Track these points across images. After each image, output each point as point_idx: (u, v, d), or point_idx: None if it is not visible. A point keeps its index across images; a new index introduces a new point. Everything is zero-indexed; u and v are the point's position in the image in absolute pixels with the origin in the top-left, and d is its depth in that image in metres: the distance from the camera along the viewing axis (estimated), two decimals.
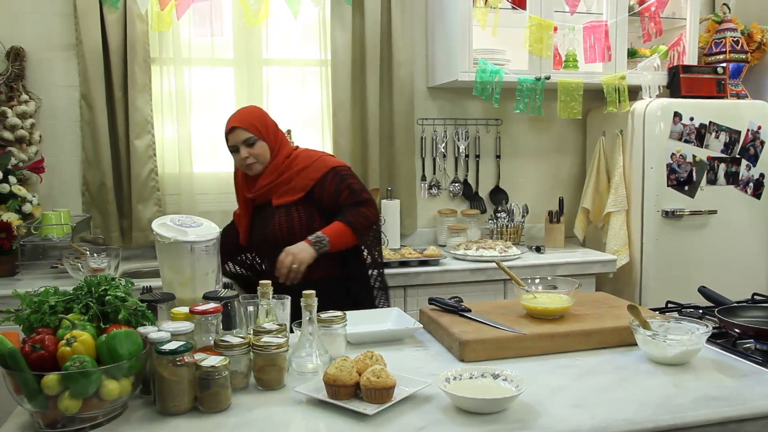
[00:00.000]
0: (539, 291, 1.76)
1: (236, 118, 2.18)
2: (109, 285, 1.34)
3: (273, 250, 2.10)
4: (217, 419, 1.23)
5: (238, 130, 2.13)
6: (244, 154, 2.13)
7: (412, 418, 1.22)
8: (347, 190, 2.14)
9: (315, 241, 2.04)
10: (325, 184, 2.14)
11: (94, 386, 1.15)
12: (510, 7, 2.97)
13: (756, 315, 1.73)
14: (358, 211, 2.12)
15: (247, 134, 2.13)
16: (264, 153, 2.15)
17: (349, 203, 2.13)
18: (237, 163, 2.21)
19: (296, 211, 2.14)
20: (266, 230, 2.17)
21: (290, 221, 2.12)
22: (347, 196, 2.14)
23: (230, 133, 2.15)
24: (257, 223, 2.23)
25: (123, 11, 2.75)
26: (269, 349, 1.35)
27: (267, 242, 2.16)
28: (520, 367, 1.46)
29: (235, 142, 2.14)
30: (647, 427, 1.20)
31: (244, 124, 2.14)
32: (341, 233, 2.08)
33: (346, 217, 2.11)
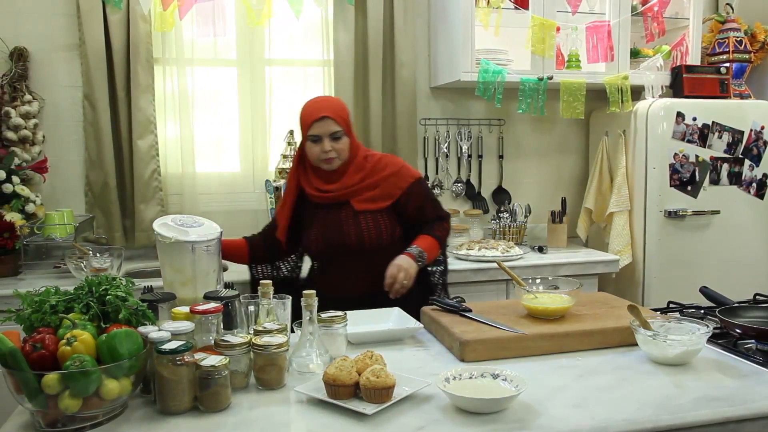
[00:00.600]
0: (540, 291, 1.76)
1: (326, 107, 2.03)
2: (110, 285, 1.35)
3: (352, 255, 2.04)
4: (217, 419, 1.24)
5: (328, 121, 1.99)
6: (327, 147, 2.00)
7: (411, 418, 1.22)
8: (431, 204, 2.18)
9: (418, 256, 2.01)
10: (412, 195, 2.10)
11: (94, 385, 1.15)
12: (512, 7, 2.97)
13: (757, 315, 1.72)
14: (443, 225, 2.18)
15: (336, 127, 2.00)
16: (346, 149, 2.04)
17: (432, 217, 2.16)
18: (313, 154, 2.04)
19: (382, 219, 2.07)
20: (347, 235, 2.04)
21: (378, 228, 2.05)
22: (431, 210, 2.17)
23: (318, 121, 1.99)
24: (330, 227, 2.07)
25: (126, 11, 2.76)
26: (269, 349, 1.35)
27: (346, 249, 2.04)
28: (521, 367, 1.46)
29: (320, 133, 2.00)
30: (647, 427, 1.20)
31: (335, 115, 2.00)
32: (433, 247, 2.10)
33: (434, 231, 2.13)
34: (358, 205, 2.06)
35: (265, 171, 3.06)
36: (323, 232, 2.08)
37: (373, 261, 2.02)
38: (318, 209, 2.10)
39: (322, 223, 2.09)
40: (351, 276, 2.07)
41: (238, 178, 3.09)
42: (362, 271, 2.05)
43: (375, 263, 2.01)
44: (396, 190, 2.08)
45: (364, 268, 2.04)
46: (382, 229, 2.05)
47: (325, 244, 2.07)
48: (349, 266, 2.06)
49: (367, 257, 2.04)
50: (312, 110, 2.03)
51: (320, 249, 2.10)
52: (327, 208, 2.09)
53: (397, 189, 2.08)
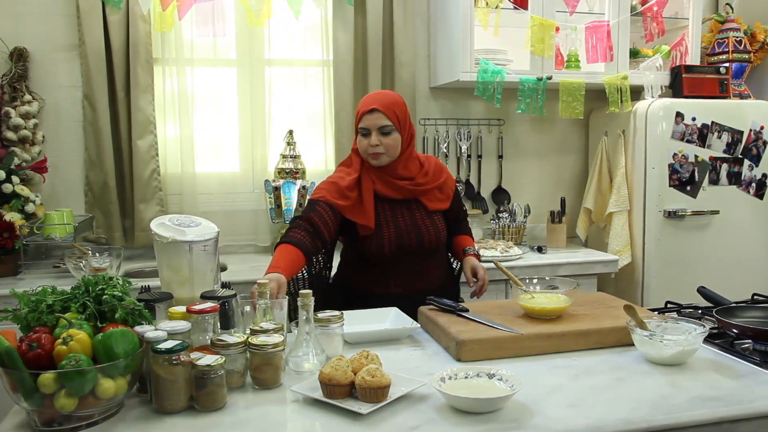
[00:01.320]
0: (537, 291, 1.76)
1: (378, 99, 1.99)
2: (107, 284, 1.35)
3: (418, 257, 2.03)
4: (213, 418, 1.24)
5: (377, 114, 1.95)
6: (375, 141, 1.96)
7: (406, 418, 1.22)
8: (461, 205, 2.29)
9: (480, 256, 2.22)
10: (455, 196, 2.20)
11: (90, 385, 1.16)
12: (512, 7, 2.97)
13: (755, 315, 1.72)
14: (468, 226, 2.32)
15: (385, 121, 1.95)
16: (396, 146, 1.99)
17: (462, 218, 2.28)
18: (362, 147, 2.01)
19: (441, 219, 2.12)
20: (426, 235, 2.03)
21: (438, 231, 2.09)
22: (463, 212, 2.30)
23: (367, 113, 1.96)
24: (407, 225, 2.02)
25: (125, 12, 2.77)
26: (265, 349, 1.35)
27: (422, 248, 2.03)
28: (517, 367, 1.46)
29: (368, 125, 1.97)
30: (642, 427, 1.20)
31: (385, 109, 1.96)
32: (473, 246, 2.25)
33: (469, 231, 2.30)
34: (432, 205, 2.09)
35: (264, 171, 3.07)
36: (402, 230, 2.01)
37: (433, 259, 2.10)
38: (386, 207, 2.03)
39: (392, 222, 2.02)
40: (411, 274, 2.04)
41: (238, 178, 3.10)
42: (425, 269, 2.07)
43: (434, 261, 2.11)
44: (450, 191, 2.17)
45: (427, 266, 2.08)
46: (442, 230, 2.11)
47: (399, 247, 2.00)
48: (410, 265, 2.04)
49: (430, 255, 2.09)
50: (365, 102, 2.01)
51: (393, 250, 1.99)
52: (392, 206, 2.04)
53: (450, 190, 2.17)
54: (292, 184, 2.91)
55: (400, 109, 2.01)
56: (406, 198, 2.05)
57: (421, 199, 2.07)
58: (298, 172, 2.95)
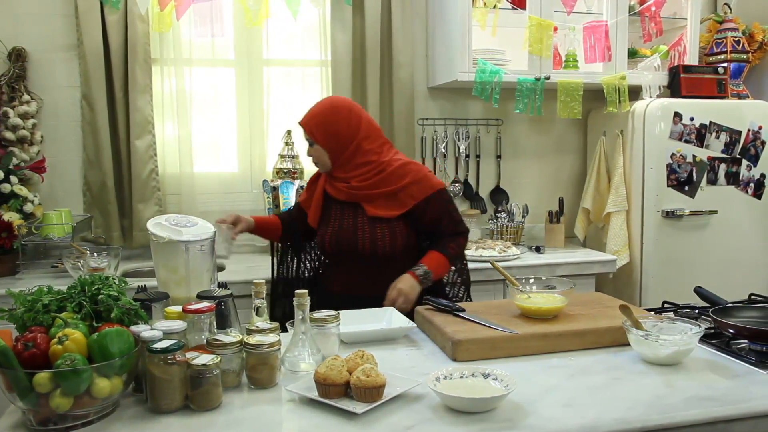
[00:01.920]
0: (533, 291, 1.76)
1: (306, 114, 2.11)
2: (103, 284, 1.35)
3: (361, 261, 2.05)
4: (208, 417, 1.24)
5: (304, 129, 2.11)
6: (310, 152, 2.12)
7: (401, 417, 1.22)
8: (448, 218, 2.11)
9: (422, 277, 1.99)
10: (429, 206, 2.06)
11: (85, 384, 1.16)
12: (510, 7, 2.97)
13: (751, 315, 1.72)
14: (458, 242, 2.12)
15: (307, 135, 2.10)
16: (321, 157, 2.09)
17: (448, 231, 2.11)
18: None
19: (398, 227, 2.05)
20: (361, 240, 2.03)
21: (393, 238, 2.04)
22: (447, 224, 2.11)
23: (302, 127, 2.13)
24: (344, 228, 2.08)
25: (124, 12, 2.77)
26: (261, 348, 1.35)
27: (358, 252, 2.04)
28: (513, 366, 1.46)
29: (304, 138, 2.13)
30: (636, 427, 1.20)
31: (305, 125, 2.10)
32: (442, 266, 2.07)
33: (447, 248, 2.08)
34: (372, 211, 2.05)
35: (262, 171, 3.07)
36: (337, 232, 2.08)
37: (386, 267, 2.04)
38: (334, 205, 2.12)
39: (337, 222, 2.10)
40: (363, 279, 2.06)
41: (236, 178, 3.10)
42: (374, 275, 2.03)
43: (388, 269, 2.02)
44: (411, 200, 2.05)
45: (377, 273, 2.04)
46: (397, 238, 2.05)
47: (338, 246, 2.07)
48: (361, 269, 2.06)
49: (380, 263, 2.04)
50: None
51: (333, 250, 2.10)
52: (341, 207, 2.11)
53: (412, 199, 2.05)
54: (290, 184, 2.91)
55: (318, 121, 2.06)
56: (350, 200, 2.08)
57: (363, 204, 2.07)
58: (296, 172, 2.96)
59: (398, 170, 2.06)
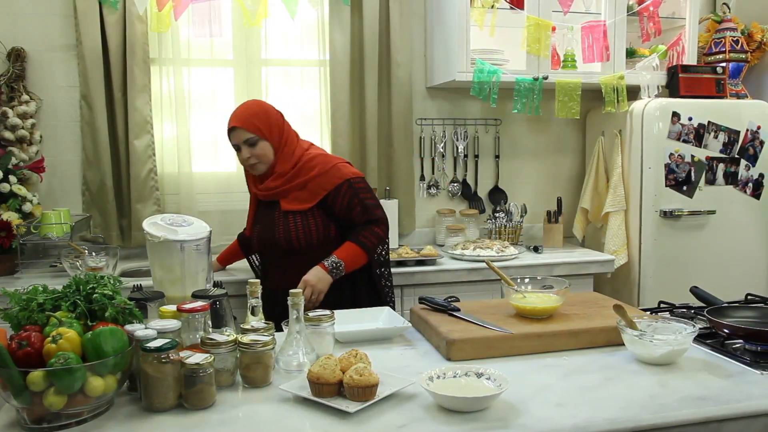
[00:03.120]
0: (529, 291, 1.76)
1: (236, 116, 2.11)
2: (97, 283, 1.36)
3: (284, 255, 2.12)
4: (202, 416, 1.24)
5: (239, 130, 2.09)
6: (246, 155, 2.10)
7: (393, 416, 1.23)
8: (360, 207, 2.12)
9: (331, 268, 2.04)
10: (338, 196, 2.11)
11: (79, 383, 1.16)
12: (508, 7, 2.97)
13: (747, 315, 1.72)
14: (371, 230, 2.13)
15: (247, 134, 2.08)
16: (267, 153, 2.11)
17: (361, 221, 2.13)
18: (240, 161, 2.19)
19: (312, 219, 2.11)
20: (277, 235, 2.12)
21: (307, 229, 2.10)
22: (359, 213, 2.13)
23: (231, 132, 2.12)
24: (264, 225, 2.19)
25: (122, 12, 2.78)
26: (255, 347, 1.36)
27: (278, 247, 2.13)
28: (507, 366, 1.46)
29: (236, 142, 2.11)
30: (628, 427, 1.20)
31: (244, 124, 2.08)
32: (355, 255, 2.10)
33: (359, 237, 2.11)
34: (285, 205, 2.12)
35: None
36: (260, 229, 2.20)
37: (306, 259, 2.08)
38: (261, 206, 2.23)
39: (261, 221, 2.21)
40: (288, 273, 2.09)
41: (234, 177, 3.09)
42: (298, 268, 2.08)
43: (309, 261, 2.08)
44: (321, 190, 2.10)
45: (300, 266, 2.08)
46: (312, 230, 2.10)
47: (261, 242, 2.20)
48: (285, 263, 2.13)
49: (300, 255, 2.10)
50: (228, 122, 2.13)
51: (259, 246, 2.24)
52: (265, 207, 2.20)
53: (322, 189, 2.10)
54: None
55: (260, 118, 2.10)
56: (269, 199, 2.17)
57: (279, 200, 2.14)
58: None
59: (308, 163, 2.12)
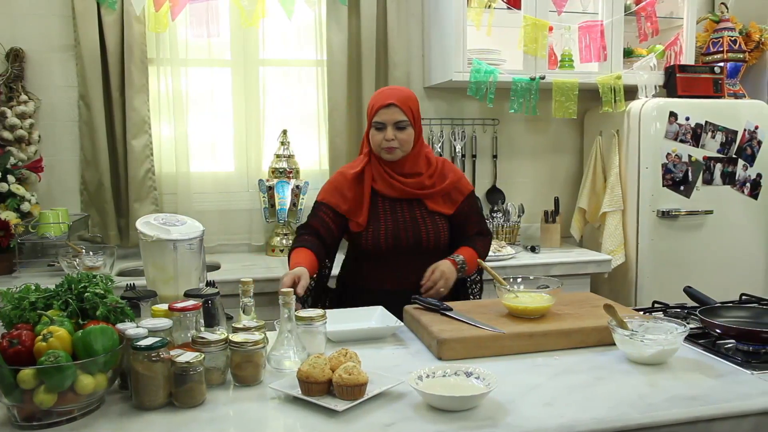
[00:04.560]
0: (521, 290, 1.76)
1: (394, 94, 2.05)
2: (89, 282, 1.36)
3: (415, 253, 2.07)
4: (192, 414, 1.25)
5: (394, 108, 2.01)
6: (390, 135, 2.02)
7: (382, 415, 1.23)
8: (477, 217, 2.21)
9: (461, 265, 2.05)
10: (466, 204, 2.16)
11: (69, 381, 1.17)
12: (505, 7, 2.97)
13: (739, 315, 1.72)
14: (486, 243, 2.21)
15: (402, 116, 2.02)
16: (410, 141, 2.06)
17: (475, 231, 2.18)
18: (375, 141, 2.05)
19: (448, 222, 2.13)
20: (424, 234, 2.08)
21: (439, 233, 2.10)
22: (475, 223, 2.19)
23: (384, 107, 2.02)
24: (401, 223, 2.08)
25: (120, 13, 2.79)
26: (246, 346, 1.37)
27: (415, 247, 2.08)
28: (498, 365, 1.47)
29: (384, 120, 2.02)
30: (616, 426, 1.20)
31: (401, 104, 2.02)
32: (474, 261, 2.10)
33: (477, 246, 2.15)
34: (433, 206, 2.11)
35: (258, 171, 3.08)
36: (395, 227, 2.07)
37: (429, 260, 2.05)
38: (385, 204, 2.11)
39: (393, 218, 2.09)
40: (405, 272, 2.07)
41: (232, 177, 3.11)
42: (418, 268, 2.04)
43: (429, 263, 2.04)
44: (460, 196, 2.15)
45: (421, 266, 2.04)
46: (447, 233, 2.12)
47: (395, 240, 2.06)
48: (405, 263, 2.07)
49: (426, 256, 2.07)
50: (380, 97, 2.05)
51: (389, 244, 2.06)
52: (395, 204, 2.11)
53: (461, 195, 2.15)
54: (285, 184, 2.93)
55: (415, 104, 2.07)
56: (407, 198, 2.10)
57: (423, 200, 2.11)
58: (291, 172, 2.97)
59: (444, 168, 2.15)
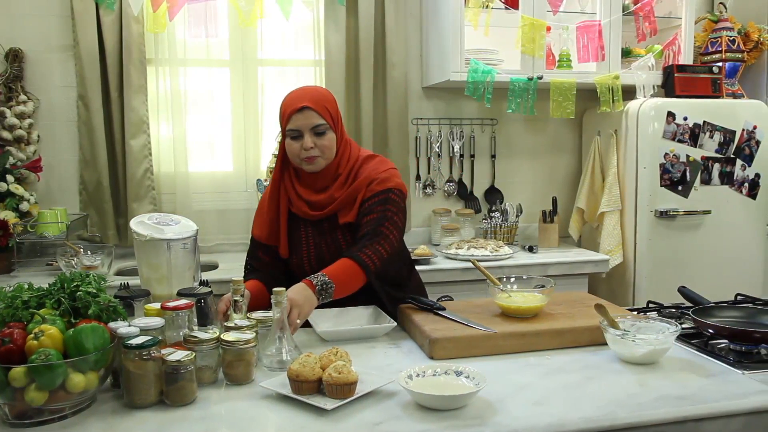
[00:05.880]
0: (514, 290, 1.77)
1: (308, 96, 1.74)
2: (82, 281, 1.37)
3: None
4: (182, 412, 1.26)
5: (309, 112, 1.71)
6: (309, 143, 1.71)
7: (371, 414, 1.24)
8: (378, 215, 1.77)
9: (320, 288, 1.64)
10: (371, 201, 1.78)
11: (60, 379, 1.18)
12: (503, 7, 2.97)
13: (732, 315, 1.72)
14: (375, 249, 1.74)
15: (319, 119, 1.72)
16: (332, 147, 1.76)
17: (368, 228, 1.76)
18: (292, 152, 1.76)
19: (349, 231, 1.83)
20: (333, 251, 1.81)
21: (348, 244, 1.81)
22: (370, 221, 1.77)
23: (297, 112, 1.72)
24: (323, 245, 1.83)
25: (119, 13, 2.80)
26: (237, 345, 1.37)
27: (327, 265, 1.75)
28: (489, 365, 1.47)
29: (299, 126, 1.72)
30: (603, 426, 1.20)
31: (317, 106, 1.72)
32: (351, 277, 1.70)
33: (360, 255, 1.71)
34: (343, 218, 1.82)
35: (257, 170, 3.09)
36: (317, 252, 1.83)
37: None
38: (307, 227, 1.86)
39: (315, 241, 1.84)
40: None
41: (231, 177, 3.12)
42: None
43: None
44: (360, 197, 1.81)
45: None
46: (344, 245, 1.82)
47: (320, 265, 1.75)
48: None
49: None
50: (291, 100, 1.75)
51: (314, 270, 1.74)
52: (316, 225, 1.85)
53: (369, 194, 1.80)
54: None
55: (332, 104, 1.78)
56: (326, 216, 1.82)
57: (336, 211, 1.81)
58: None
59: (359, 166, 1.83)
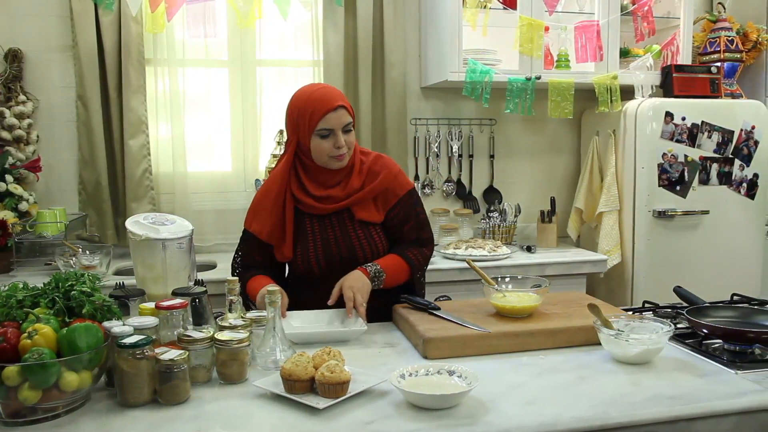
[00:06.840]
0: (509, 290, 1.77)
1: (336, 95, 1.77)
2: (76, 281, 1.38)
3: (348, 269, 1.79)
4: (175, 411, 1.26)
5: (342, 111, 1.74)
6: (342, 142, 1.74)
7: (363, 413, 1.24)
8: (414, 221, 1.89)
9: (374, 275, 1.75)
10: (400, 209, 1.86)
11: (53, 378, 1.18)
12: (501, 7, 2.98)
13: (727, 315, 1.72)
14: (422, 251, 1.90)
15: (349, 118, 1.76)
16: (354, 143, 1.81)
17: (412, 237, 1.89)
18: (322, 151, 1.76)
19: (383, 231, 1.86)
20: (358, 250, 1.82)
21: (375, 243, 1.84)
22: (412, 227, 1.89)
23: (333, 111, 1.73)
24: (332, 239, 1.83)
25: (118, 13, 2.81)
26: (231, 344, 1.38)
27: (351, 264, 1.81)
28: (483, 364, 1.47)
29: (333, 125, 1.73)
30: (595, 425, 1.21)
31: (347, 104, 1.77)
32: (399, 271, 1.83)
33: (407, 253, 1.85)
34: (361, 213, 1.83)
35: (255, 170, 3.10)
36: (325, 247, 1.83)
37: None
38: (313, 222, 1.85)
39: (322, 236, 1.83)
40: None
41: (229, 177, 3.13)
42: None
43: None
44: (392, 198, 1.86)
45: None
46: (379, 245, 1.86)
47: (328, 263, 1.82)
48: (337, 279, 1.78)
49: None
50: (322, 100, 1.74)
51: (321, 267, 1.82)
52: (324, 220, 1.85)
53: (394, 197, 1.86)
54: None
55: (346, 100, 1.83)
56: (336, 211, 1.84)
57: (351, 208, 1.84)
58: None
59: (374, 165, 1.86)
